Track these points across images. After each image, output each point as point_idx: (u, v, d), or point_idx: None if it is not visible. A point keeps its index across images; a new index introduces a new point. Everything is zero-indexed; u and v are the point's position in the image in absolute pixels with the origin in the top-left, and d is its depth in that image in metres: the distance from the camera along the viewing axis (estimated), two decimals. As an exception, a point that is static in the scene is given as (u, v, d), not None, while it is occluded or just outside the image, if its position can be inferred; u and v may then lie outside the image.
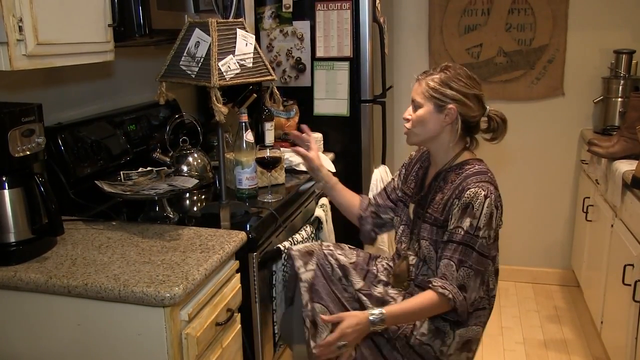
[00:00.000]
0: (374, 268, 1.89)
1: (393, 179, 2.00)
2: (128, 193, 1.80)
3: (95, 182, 1.84)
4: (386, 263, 1.93)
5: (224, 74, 1.63)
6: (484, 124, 1.76)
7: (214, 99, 1.61)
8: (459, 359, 1.75)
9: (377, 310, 1.63)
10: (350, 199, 2.03)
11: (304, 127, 2.02)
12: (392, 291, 1.80)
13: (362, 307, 1.74)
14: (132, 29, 1.79)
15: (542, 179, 3.53)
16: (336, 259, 1.79)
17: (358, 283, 1.77)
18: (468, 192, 1.63)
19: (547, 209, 3.57)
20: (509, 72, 3.41)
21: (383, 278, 1.86)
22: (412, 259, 1.79)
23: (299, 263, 1.76)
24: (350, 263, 1.81)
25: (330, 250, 1.83)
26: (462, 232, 1.62)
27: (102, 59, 1.70)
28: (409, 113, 1.74)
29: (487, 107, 1.73)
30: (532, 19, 3.31)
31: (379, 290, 1.79)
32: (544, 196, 3.55)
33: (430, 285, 1.63)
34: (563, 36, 3.30)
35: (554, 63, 3.34)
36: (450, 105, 1.67)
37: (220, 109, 1.62)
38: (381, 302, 1.75)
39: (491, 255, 1.72)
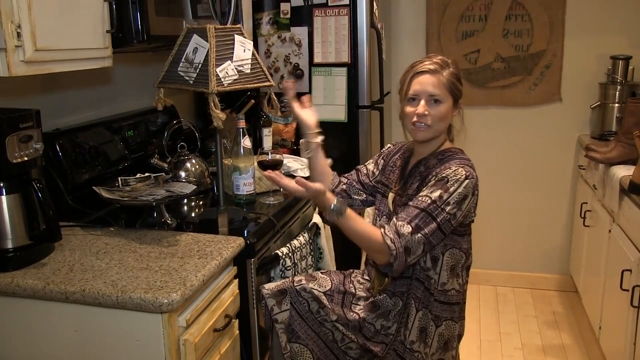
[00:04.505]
0: (351, 286, 1.85)
1: (366, 165, 1.96)
2: (126, 199, 1.80)
3: (93, 188, 1.84)
4: (360, 277, 1.92)
5: (222, 80, 1.63)
6: None
7: (212, 105, 1.61)
8: (444, 358, 1.76)
9: (341, 206, 1.61)
10: (325, 174, 1.96)
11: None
12: (364, 313, 1.76)
13: (343, 335, 1.73)
14: (130, 35, 1.79)
15: (539, 185, 3.54)
16: (309, 292, 1.74)
17: (333, 315, 1.74)
18: (448, 169, 1.64)
19: (544, 214, 3.57)
20: (506, 78, 3.43)
21: (362, 294, 1.83)
22: None
23: (271, 303, 1.73)
24: (326, 292, 1.77)
25: (302, 284, 1.77)
26: (429, 201, 1.60)
27: (100, 65, 1.70)
28: (425, 108, 1.69)
29: None
30: (529, 25, 3.33)
31: (354, 315, 1.76)
32: (541, 202, 3.56)
33: (382, 230, 1.61)
34: (560, 42, 3.31)
35: (551, 69, 3.36)
36: (460, 101, 1.74)
37: (218, 115, 1.62)
38: (358, 327, 1.73)
39: (464, 248, 1.73)
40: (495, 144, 3.53)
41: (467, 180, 1.62)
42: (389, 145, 1.98)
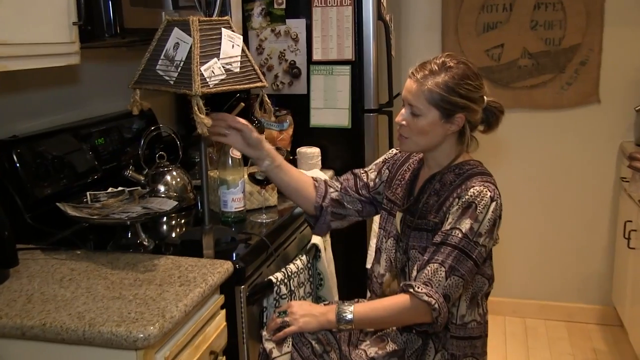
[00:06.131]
0: None
1: (368, 172, 1.96)
2: (95, 217, 1.80)
3: (57, 204, 1.83)
4: None
5: (207, 80, 1.63)
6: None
7: (196, 108, 1.61)
8: None
9: (348, 309, 1.66)
10: (302, 181, 1.93)
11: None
12: (373, 349, 1.77)
13: None
14: (100, 28, 1.80)
15: (575, 200, 3.54)
16: (313, 332, 1.73)
17: None
18: (472, 190, 1.64)
19: (582, 234, 3.56)
20: (535, 77, 3.44)
21: (370, 328, 1.84)
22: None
23: (270, 346, 1.70)
24: (332, 330, 1.76)
25: None
26: (460, 235, 1.61)
27: (65, 62, 1.70)
28: (403, 117, 1.71)
29: (486, 98, 1.76)
30: (561, 15, 3.34)
31: (360, 354, 1.76)
32: (578, 220, 3.55)
33: (411, 290, 1.61)
34: (598, 34, 3.32)
35: (588, 65, 3.36)
36: (459, 115, 1.68)
37: (203, 121, 1.62)
38: None
39: (487, 274, 1.74)
40: (522, 153, 3.53)
41: (493, 203, 1.63)
42: (393, 150, 1.98)
